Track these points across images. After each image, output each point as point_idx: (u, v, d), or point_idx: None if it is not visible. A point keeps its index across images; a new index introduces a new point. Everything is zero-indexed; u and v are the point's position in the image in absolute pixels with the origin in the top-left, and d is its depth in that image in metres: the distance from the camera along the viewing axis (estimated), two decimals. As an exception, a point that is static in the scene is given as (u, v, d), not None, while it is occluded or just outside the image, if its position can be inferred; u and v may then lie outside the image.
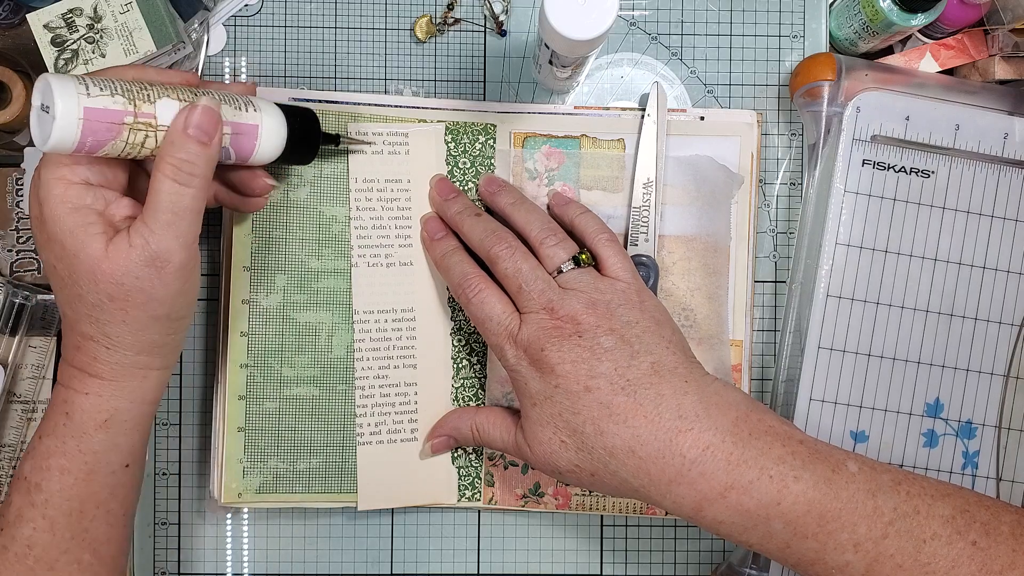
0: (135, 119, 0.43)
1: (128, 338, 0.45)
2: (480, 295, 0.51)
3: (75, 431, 0.46)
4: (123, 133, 0.43)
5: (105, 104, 0.42)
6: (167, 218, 0.43)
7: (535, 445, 0.49)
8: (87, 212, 0.44)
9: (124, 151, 0.43)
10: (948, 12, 0.56)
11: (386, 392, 0.57)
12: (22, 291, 0.56)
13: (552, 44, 0.48)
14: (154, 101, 0.44)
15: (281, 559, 0.58)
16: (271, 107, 0.49)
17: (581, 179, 0.58)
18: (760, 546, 0.46)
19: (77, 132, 0.41)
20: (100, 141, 0.42)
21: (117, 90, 0.43)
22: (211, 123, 0.44)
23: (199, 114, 0.43)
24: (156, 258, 0.43)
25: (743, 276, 0.58)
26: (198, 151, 0.43)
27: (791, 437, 0.46)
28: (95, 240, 0.43)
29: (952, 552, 0.44)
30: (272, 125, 0.48)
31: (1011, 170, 0.57)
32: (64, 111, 0.41)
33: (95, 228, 0.44)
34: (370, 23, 0.59)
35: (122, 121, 0.42)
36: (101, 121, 0.42)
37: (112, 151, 0.43)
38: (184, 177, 0.43)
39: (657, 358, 0.48)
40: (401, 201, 0.57)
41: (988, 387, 0.57)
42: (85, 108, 0.41)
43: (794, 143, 0.59)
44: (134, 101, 0.43)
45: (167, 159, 0.43)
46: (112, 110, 0.42)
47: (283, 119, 0.49)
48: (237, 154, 0.48)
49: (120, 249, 0.43)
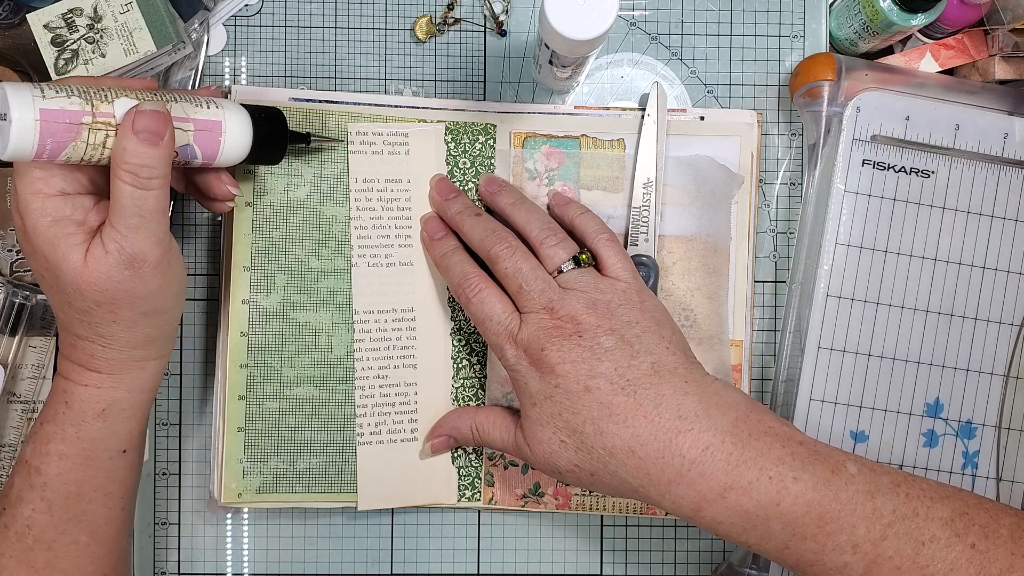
0: (93, 119, 0.43)
1: (122, 335, 0.46)
2: (480, 295, 0.51)
3: (74, 419, 0.47)
4: (82, 133, 0.43)
5: (61, 104, 0.42)
6: (135, 222, 0.44)
7: (535, 445, 0.49)
8: (66, 223, 0.44)
9: (87, 153, 0.43)
10: (948, 12, 0.56)
11: (386, 392, 0.57)
12: (22, 291, 0.56)
13: (552, 44, 0.48)
14: (111, 101, 0.44)
15: (281, 559, 0.58)
16: (235, 105, 0.49)
17: (581, 179, 0.58)
18: (759, 547, 0.46)
19: (35, 135, 0.41)
20: (60, 143, 0.42)
21: (74, 92, 0.43)
22: (159, 123, 0.43)
23: (146, 116, 0.43)
24: (133, 260, 0.44)
25: (743, 276, 0.58)
26: (151, 153, 0.43)
27: (791, 438, 0.46)
28: (75, 251, 0.44)
29: (951, 555, 0.44)
30: (236, 122, 0.48)
31: (1011, 170, 0.57)
32: (20, 115, 0.41)
33: (75, 239, 0.44)
34: (370, 23, 0.59)
35: (80, 121, 0.42)
36: (58, 122, 0.42)
37: (75, 154, 0.43)
38: (142, 181, 0.43)
39: (657, 358, 0.48)
40: (401, 201, 0.57)
41: (988, 387, 0.57)
42: (41, 110, 0.41)
43: (794, 143, 0.59)
44: (91, 101, 0.43)
45: (121, 164, 0.43)
46: (69, 110, 0.42)
47: (247, 117, 0.49)
48: (203, 152, 0.47)
49: (97, 257, 0.44)
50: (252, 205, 0.56)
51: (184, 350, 0.58)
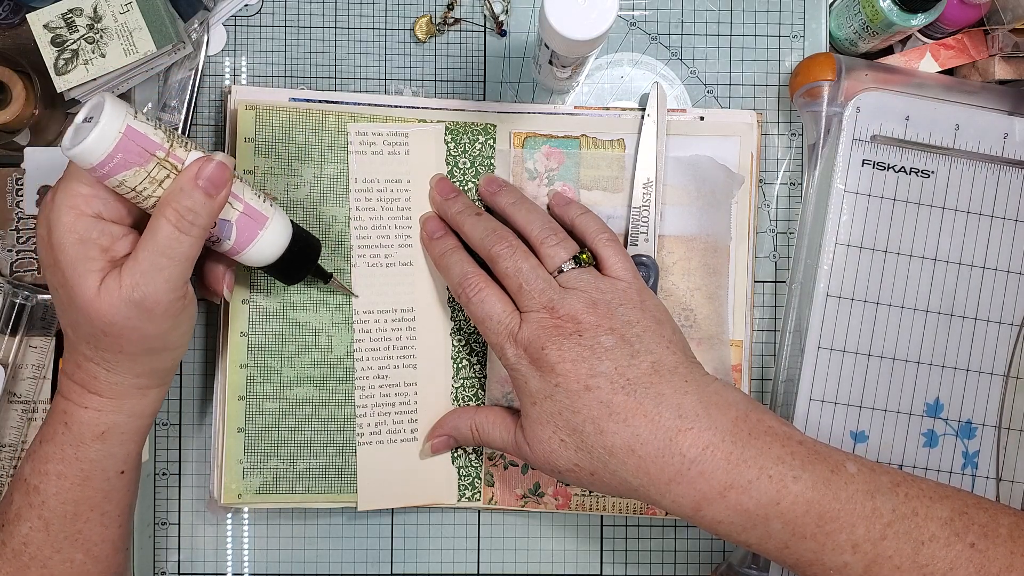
0: (167, 155, 0.44)
1: (126, 364, 0.47)
2: (480, 294, 0.51)
3: (73, 440, 0.48)
4: (149, 164, 0.44)
5: (147, 131, 0.43)
6: (161, 262, 0.44)
7: (535, 444, 0.49)
8: (91, 246, 0.44)
9: (140, 185, 0.44)
10: (948, 12, 0.56)
11: (386, 392, 0.57)
12: (22, 291, 0.56)
13: (552, 44, 0.48)
14: (189, 150, 0.45)
15: (281, 559, 0.58)
16: (284, 215, 0.50)
17: (581, 179, 0.58)
18: (759, 546, 0.46)
19: (111, 145, 0.42)
20: (125, 163, 0.43)
21: (161, 127, 0.44)
22: (222, 177, 0.44)
23: (212, 167, 0.44)
24: (144, 301, 0.44)
25: (743, 276, 0.58)
26: (204, 201, 0.44)
27: (790, 437, 0.46)
28: (91, 277, 0.44)
29: (950, 554, 0.44)
30: (280, 226, 0.49)
31: (1011, 170, 0.57)
32: (107, 121, 0.42)
33: (95, 264, 0.44)
34: (370, 23, 0.59)
35: (154, 152, 0.44)
36: (136, 143, 0.43)
37: (130, 180, 0.44)
38: (185, 225, 0.44)
39: (657, 358, 0.48)
40: (401, 201, 0.57)
41: (988, 387, 0.57)
42: (128, 126, 0.43)
43: (794, 143, 0.59)
44: (172, 142, 0.44)
45: (172, 204, 0.44)
46: (150, 138, 0.44)
47: (291, 229, 0.50)
48: (237, 238, 0.48)
49: (111, 289, 0.44)
50: (252, 205, 0.56)
51: (184, 350, 0.58)
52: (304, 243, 0.51)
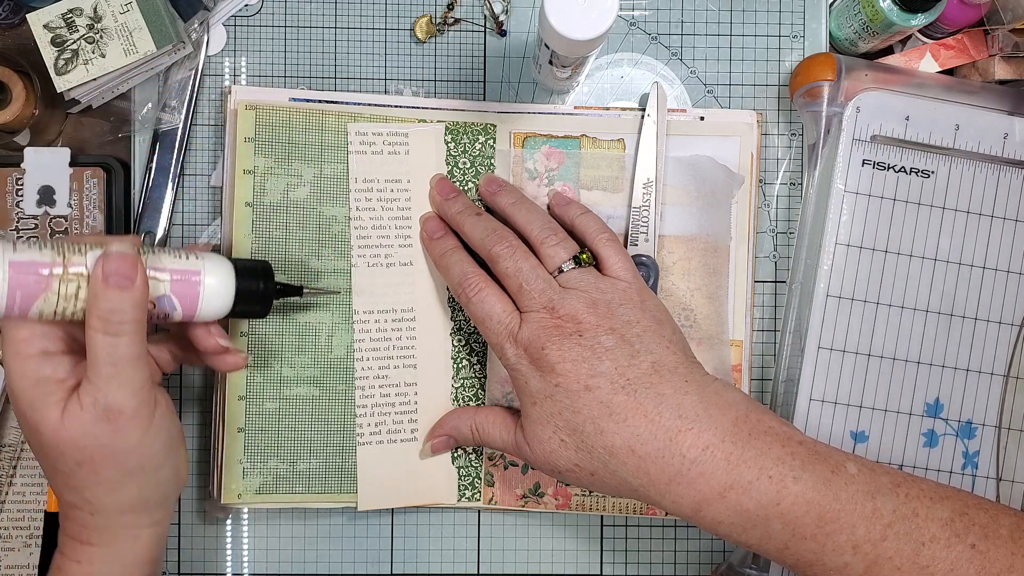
0: (64, 270, 0.43)
1: (107, 499, 0.45)
2: (480, 294, 0.51)
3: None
4: (52, 284, 0.43)
5: (32, 256, 0.42)
6: (108, 371, 0.43)
7: (535, 444, 0.49)
8: (46, 383, 0.44)
9: (59, 306, 0.43)
10: (948, 12, 0.56)
11: (386, 392, 0.57)
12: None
13: (552, 44, 0.48)
14: (85, 253, 0.43)
15: (281, 559, 0.58)
16: (217, 257, 0.48)
17: (581, 179, 0.58)
18: (759, 547, 0.46)
19: (3, 286, 0.41)
20: (30, 295, 0.42)
21: (46, 245, 0.43)
22: (128, 266, 0.43)
23: (114, 260, 0.43)
24: (108, 412, 0.43)
25: (743, 276, 0.58)
26: (120, 297, 0.43)
27: (791, 438, 0.46)
28: (52, 410, 0.43)
29: (951, 555, 0.44)
30: (217, 272, 0.47)
31: (1011, 170, 0.57)
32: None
33: (53, 398, 0.44)
34: (370, 23, 0.59)
35: (50, 272, 0.42)
36: (28, 273, 0.42)
37: (47, 307, 0.43)
38: (113, 327, 0.43)
39: (657, 358, 0.48)
40: (401, 201, 0.57)
41: (988, 387, 0.57)
42: (11, 262, 0.42)
43: (794, 143, 0.59)
44: (63, 254, 0.43)
45: (93, 313, 0.43)
46: (39, 261, 0.42)
47: (230, 268, 0.48)
48: (182, 304, 0.46)
49: (73, 413, 0.43)
50: (252, 205, 0.56)
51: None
52: (253, 272, 0.49)
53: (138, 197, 0.58)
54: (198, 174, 0.58)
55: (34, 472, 0.58)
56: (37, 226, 0.57)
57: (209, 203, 0.58)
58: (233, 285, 0.48)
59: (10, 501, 0.58)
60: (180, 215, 0.58)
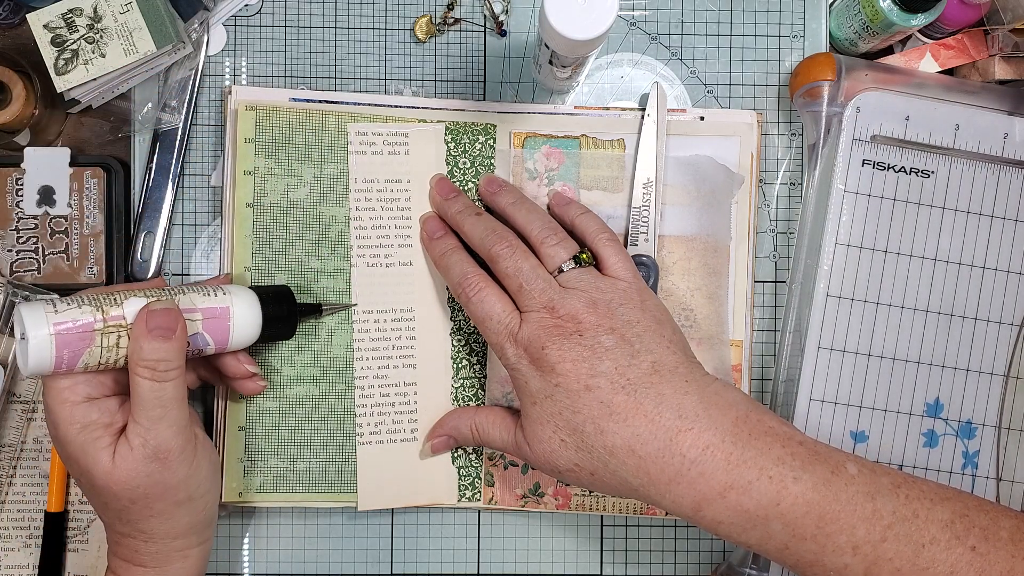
0: (105, 323, 0.46)
1: (161, 528, 0.48)
2: (480, 294, 0.51)
3: None
4: (96, 339, 0.45)
5: (73, 316, 0.45)
6: (157, 413, 0.46)
7: (535, 444, 0.49)
8: (93, 428, 0.46)
9: (103, 357, 0.46)
10: (948, 12, 0.56)
11: (386, 392, 0.57)
12: (22, 291, 0.56)
13: (552, 44, 0.48)
14: (121, 303, 0.46)
15: (281, 559, 0.58)
16: (242, 289, 0.51)
17: (581, 179, 0.58)
18: (759, 547, 0.46)
19: (52, 349, 0.44)
20: (76, 352, 0.45)
21: (84, 301, 0.46)
22: (170, 318, 0.46)
23: (158, 314, 0.46)
24: (158, 452, 0.46)
25: (743, 276, 0.58)
26: (166, 347, 0.46)
27: (791, 438, 0.46)
28: (103, 454, 0.46)
29: (951, 557, 0.44)
30: (244, 305, 0.50)
31: (1011, 170, 0.57)
32: (35, 332, 0.44)
33: (102, 443, 0.46)
34: (370, 23, 0.59)
35: (92, 328, 0.45)
36: (72, 332, 0.45)
37: (91, 359, 0.46)
38: (159, 374, 0.46)
39: (658, 358, 0.48)
40: (401, 201, 0.57)
41: (988, 387, 0.57)
42: (55, 324, 0.44)
43: (794, 143, 0.59)
44: (101, 307, 0.46)
45: (138, 361, 0.45)
46: (81, 320, 0.45)
47: (255, 299, 0.51)
48: (214, 339, 0.49)
49: (124, 456, 0.46)
50: (252, 206, 0.56)
51: (184, 350, 0.58)
52: (275, 299, 0.52)
53: (138, 197, 0.58)
54: (198, 174, 0.58)
55: (34, 472, 0.58)
56: (37, 226, 0.57)
57: (209, 203, 0.58)
58: (259, 315, 0.51)
59: (10, 501, 0.58)
60: (180, 215, 0.58)
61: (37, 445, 0.58)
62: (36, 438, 0.58)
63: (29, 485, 0.58)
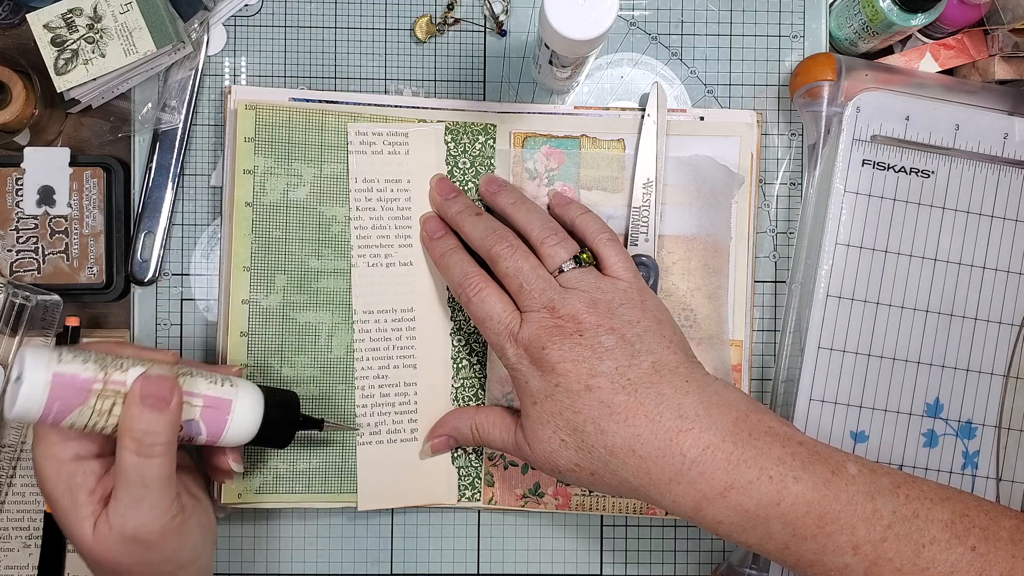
0: (104, 385, 0.44)
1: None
2: (480, 294, 0.51)
3: None
4: (91, 399, 0.43)
5: (75, 370, 0.43)
6: (137, 493, 0.44)
7: (535, 444, 0.49)
8: (77, 492, 0.45)
9: (92, 420, 0.44)
10: (948, 12, 0.56)
11: (386, 392, 0.57)
12: (22, 291, 0.56)
13: (552, 44, 0.48)
14: (126, 369, 0.44)
15: (281, 559, 0.58)
16: (250, 387, 0.49)
17: (581, 179, 0.58)
18: (759, 547, 0.46)
19: (43, 396, 0.42)
20: (67, 407, 0.43)
21: (91, 358, 0.44)
22: (166, 389, 0.44)
23: (152, 381, 0.44)
24: (137, 535, 0.44)
25: (743, 276, 0.58)
26: (156, 419, 0.43)
27: (791, 438, 0.46)
28: (85, 524, 0.44)
29: (951, 557, 0.44)
30: (247, 403, 0.48)
31: (1011, 170, 0.57)
32: (32, 375, 0.42)
33: (84, 511, 0.45)
34: (370, 23, 0.59)
35: (90, 387, 0.43)
36: (69, 386, 0.43)
37: (80, 420, 0.44)
38: (146, 448, 0.43)
39: (658, 357, 0.48)
40: (401, 201, 0.57)
41: (988, 387, 0.57)
42: (54, 373, 0.42)
43: (794, 143, 0.59)
44: (105, 369, 0.44)
45: (127, 432, 0.43)
46: (82, 376, 0.43)
47: (260, 399, 0.49)
48: (208, 430, 0.47)
49: (103, 533, 0.44)
50: (252, 205, 0.56)
51: (184, 350, 0.58)
52: (281, 405, 0.50)
53: (138, 197, 0.58)
54: (198, 174, 0.58)
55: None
56: (37, 226, 0.57)
57: (209, 203, 0.58)
58: (260, 418, 0.49)
59: (10, 501, 0.58)
60: (180, 215, 0.58)
61: (37, 445, 0.58)
62: (36, 438, 0.57)
63: (29, 485, 0.58)
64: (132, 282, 0.58)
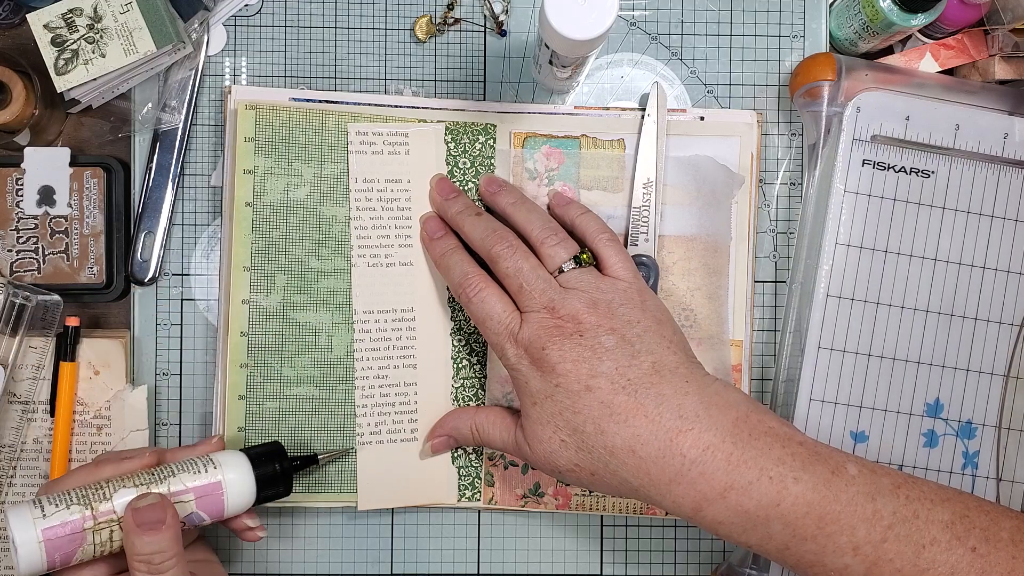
0: (95, 522, 0.45)
1: None
2: (481, 294, 0.51)
3: None
4: (88, 537, 0.45)
5: (62, 518, 0.45)
6: None
7: (535, 444, 0.49)
8: None
9: (96, 552, 0.46)
10: (948, 12, 0.56)
11: (386, 392, 0.57)
12: (22, 291, 0.56)
13: (552, 44, 0.48)
14: (110, 497, 0.46)
15: (281, 559, 0.58)
16: (233, 456, 0.50)
17: (581, 179, 0.58)
18: (759, 547, 0.46)
19: (42, 555, 0.44)
20: (68, 553, 0.45)
21: (72, 500, 0.45)
22: (158, 512, 0.45)
23: (144, 511, 0.45)
24: None
25: (743, 276, 0.58)
26: (158, 539, 0.45)
27: (791, 438, 0.46)
28: None
29: (951, 558, 0.44)
30: (235, 475, 0.49)
31: (1011, 170, 0.57)
32: (23, 539, 0.44)
33: None
34: (370, 23, 0.59)
35: (82, 527, 0.45)
36: (62, 536, 0.44)
37: (86, 555, 0.46)
38: (156, 567, 0.45)
39: (658, 358, 0.48)
40: (401, 201, 0.57)
41: (988, 387, 0.57)
42: (43, 530, 0.44)
43: (794, 143, 0.59)
44: (90, 505, 0.45)
45: (133, 557, 0.45)
46: (70, 521, 0.45)
47: (247, 464, 0.50)
48: (210, 514, 0.49)
49: None
50: (252, 205, 0.56)
51: (184, 350, 0.58)
52: (268, 460, 0.51)
53: (138, 197, 0.58)
54: (198, 174, 0.58)
55: (34, 472, 0.58)
56: (37, 226, 0.57)
57: (209, 203, 0.58)
58: (253, 481, 0.50)
59: (10, 501, 0.58)
60: (180, 215, 0.58)
61: (37, 445, 0.58)
62: (36, 438, 0.58)
63: (29, 485, 0.58)
64: (132, 282, 0.58)
